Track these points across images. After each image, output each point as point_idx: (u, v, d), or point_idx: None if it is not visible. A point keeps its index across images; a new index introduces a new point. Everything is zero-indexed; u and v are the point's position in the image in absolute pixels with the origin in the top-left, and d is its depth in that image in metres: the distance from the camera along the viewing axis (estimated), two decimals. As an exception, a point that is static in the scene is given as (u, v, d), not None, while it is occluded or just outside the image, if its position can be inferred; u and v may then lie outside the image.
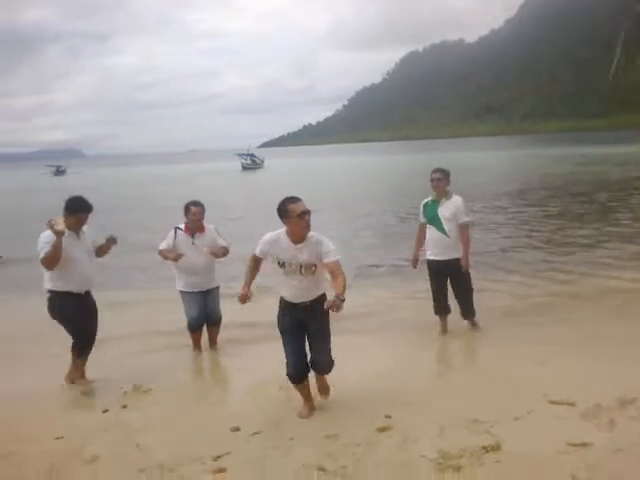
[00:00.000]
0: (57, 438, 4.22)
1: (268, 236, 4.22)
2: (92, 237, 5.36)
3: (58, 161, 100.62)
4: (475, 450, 3.60)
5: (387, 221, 17.20)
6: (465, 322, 6.32)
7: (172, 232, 6.02)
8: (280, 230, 4.18)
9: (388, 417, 4.22)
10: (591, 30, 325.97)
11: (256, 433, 4.13)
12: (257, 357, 5.92)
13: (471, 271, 6.14)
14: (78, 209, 5.12)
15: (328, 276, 4.13)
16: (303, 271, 4.09)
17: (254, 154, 70.52)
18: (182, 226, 6.04)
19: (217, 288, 6.20)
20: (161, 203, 24.29)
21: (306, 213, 4.02)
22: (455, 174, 6.34)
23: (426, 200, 6.12)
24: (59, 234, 4.78)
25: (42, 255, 4.88)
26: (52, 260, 4.86)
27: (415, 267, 6.34)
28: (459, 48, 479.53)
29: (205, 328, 6.21)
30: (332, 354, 4.36)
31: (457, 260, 5.92)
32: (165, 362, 6.05)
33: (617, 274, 8.76)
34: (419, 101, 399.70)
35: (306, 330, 4.28)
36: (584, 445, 3.56)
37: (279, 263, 4.16)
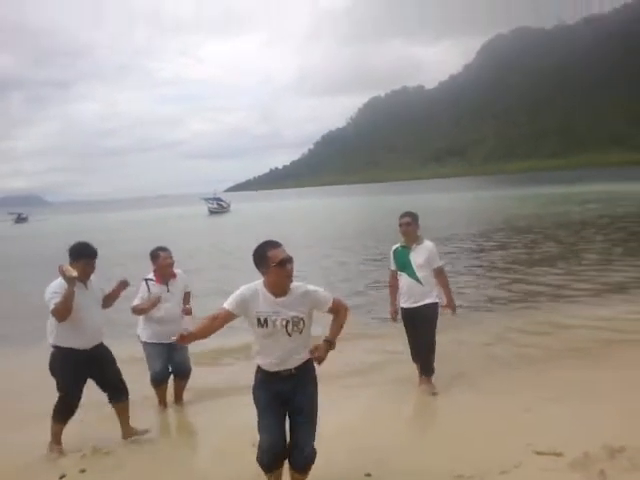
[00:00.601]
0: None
1: (244, 289, 3.41)
2: (100, 286, 4.99)
3: (18, 209, 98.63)
4: (463, 510, 3.38)
5: (357, 265, 17.08)
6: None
7: (143, 285, 5.66)
8: (256, 282, 3.43)
9: (368, 475, 3.97)
10: (545, 72, 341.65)
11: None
12: (226, 412, 5.59)
13: (453, 316, 5.95)
14: (81, 254, 4.70)
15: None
16: (289, 329, 3.36)
17: (220, 198, 70.41)
18: (151, 276, 5.73)
19: None
20: (126, 248, 23.70)
21: (287, 261, 3.33)
22: (421, 216, 6.13)
23: (395, 246, 5.84)
24: (71, 281, 4.40)
25: (52, 306, 4.49)
26: (64, 311, 4.46)
27: (395, 319, 5.92)
28: (419, 93, 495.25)
29: (171, 382, 5.86)
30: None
31: (430, 306, 5.65)
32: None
33: (587, 315, 8.70)
34: (381, 145, 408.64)
35: (287, 406, 3.46)
36: (577, 500, 3.38)
37: (259, 322, 3.36)
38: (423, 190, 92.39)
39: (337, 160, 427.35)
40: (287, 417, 3.50)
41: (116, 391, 4.89)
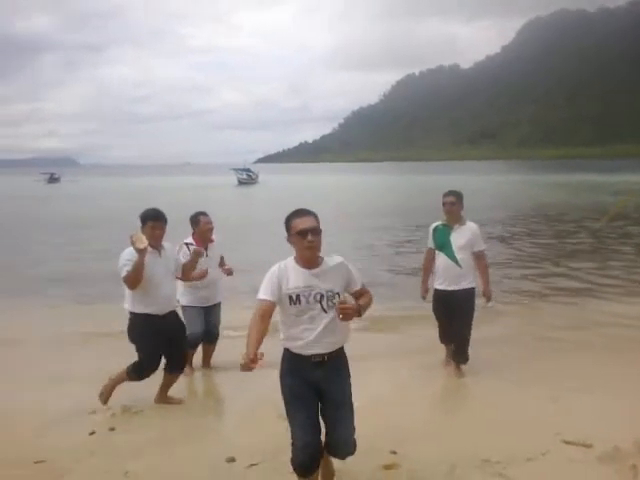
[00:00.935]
0: (37, 462, 3.94)
1: (271, 274, 3.13)
2: (175, 255, 5.07)
3: (51, 169, 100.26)
4: (489, 494, 3.37)
5: (387, 241, 16.99)
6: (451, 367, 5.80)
7: (184, 249, 5.67)
8: (285, 260, 3.20)
9: (394, 453, 3.98)
10: (584, 57, 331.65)
11: (253, 465, 3.88)
12: (253, 381, 5.61)
13: (487, 304, 5.83)
14: (147, 217, 4.76)
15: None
16: (325, 304, 3.07)
17: (250, 169, 70.63)
18: (190, 240, 5.80)
19: (220, 303, 6.05)
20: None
21: (309, 231, 3.05)
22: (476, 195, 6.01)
23: (436, 224, 5.62)
24: (141, 252, 4.47)
25: (123, 274, 4.57)
26: (134, 280, 4.56)
27: (425, 298, 5.83)
28: (455, 73, 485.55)
29: (200, 346, 5.99)
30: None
31: (468, 290, 5.51)
32: (156, 382, 5.78)
33: (619, 312, 8.52)
34: (414, 123, 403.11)
35: (321, 396, 3.17)
36: (606, 493, 3.34)
37: (290, 299, 3.08)
38: (455, 171, 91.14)
39: (368, 136, 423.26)
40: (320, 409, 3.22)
41: (176, 363, 5.02)
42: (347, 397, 3.22)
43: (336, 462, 3.79)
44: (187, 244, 5.71)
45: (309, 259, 3.12)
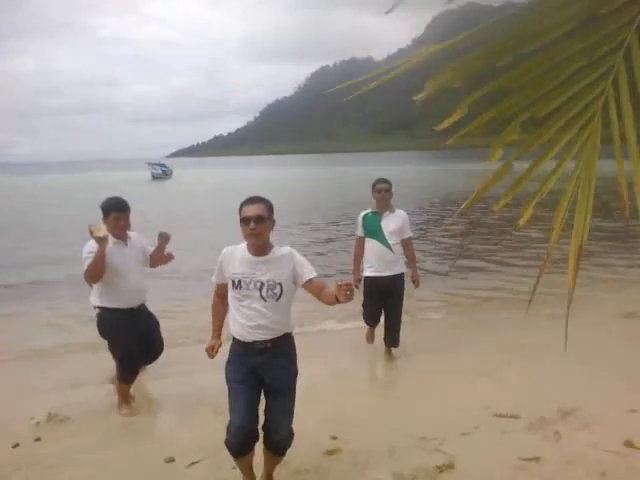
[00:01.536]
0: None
1: (222, 254, 3.27)
2: (143, 245, 4.80)
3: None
4: (429, 470, 3.49)
5: (314, 234, 17.07)
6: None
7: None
8: (241, 243, 3.26)
9: (334, 438, 4.02)
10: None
11: (194, 463, 3.79)
12: (185, 376, 5.52)
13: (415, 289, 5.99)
14: (109, 208, 4.52)
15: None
16: (264, 293, 3.12)
17: (164, 164, 68.76)
18: None
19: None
20: (65, 212, 22.87)
21: (251, 219, 3.07)
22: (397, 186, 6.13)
23: (365, 212, 5.67)
24: (101, 242, 4.27)
25: (84, 267, 4.36)
26: (94, 272, 4.35)
27: (358, 287, 5.68)
28: (368, 65, 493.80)
29: None
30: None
31: (400, 276, 5.67)
32: (81, 382, 5.59)
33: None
34: (330, 115, 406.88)
35: (262, 384, 3.21)
36: (536, 459, 3.54)
37: (233, 283, 3.16)
38: (373, 162, 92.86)
39: (285, 129, 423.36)
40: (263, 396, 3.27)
41: (153, 356, 4.89)
42: (284, 385, 3.21)
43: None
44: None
45: (253, 246, 3.16)
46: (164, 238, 4.85)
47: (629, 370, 5.06)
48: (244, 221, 3.11)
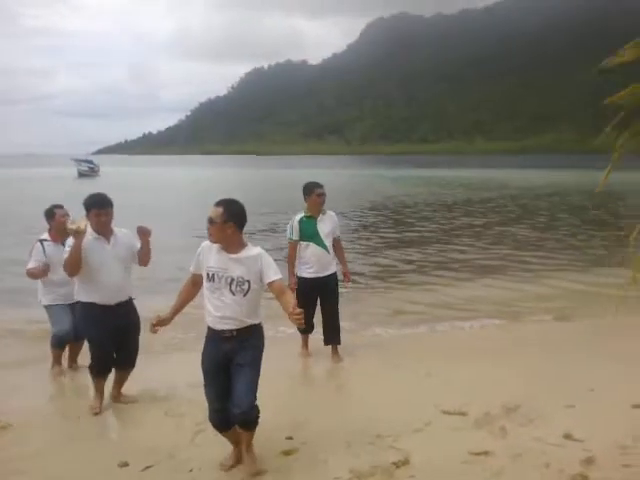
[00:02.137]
0: None
1: (203, 244, 3.61)
2: (131, 242, 4.66)
3: None
4: (386, 466, 3.59)
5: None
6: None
7: (38, 246, 5.45)
8: None
9: (290, 439, 4.07)
10: (421, 59, 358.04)
11: (148, 467, 3.73)
12: (134, 378, 5.38)
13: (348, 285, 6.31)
14: (90, 205, 4.48)
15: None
16: (233, 288, 3.42)
17: (91, 160, 66.36)
18: (45, 236, 5.52)
19: None
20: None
21: (209, 220, 3.45)
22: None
23: (299, 216, 5.82)
24: (75, 235, 4.29)
25: (64, 259, 4.43)
26: (70, 265, 4.40)
27: (294, 290, 5.73)
28: (303, 68, 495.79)
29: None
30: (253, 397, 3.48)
31: (335, 275, 5.90)
32: (20, 387, 5.37)
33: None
34: (264, 117, 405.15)
35: (231, 365, 3.51)
36: (485, 454, 3.72)
37: (208, 276, 3.48)
38: (305, 166, 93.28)
39: (218, 129, 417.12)
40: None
41: (128, 358, 4.75)
42: (249, 363, 3.47)
43: None
44: (41, 240, 5.47)
45: (220, 243, 3.47)
46: (145, 232, 4.68)
47: (568, 367, 5.43)
48: (208, 220, 3.48)
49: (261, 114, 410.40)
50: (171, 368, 5.86)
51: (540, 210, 22.91)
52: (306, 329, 5.92)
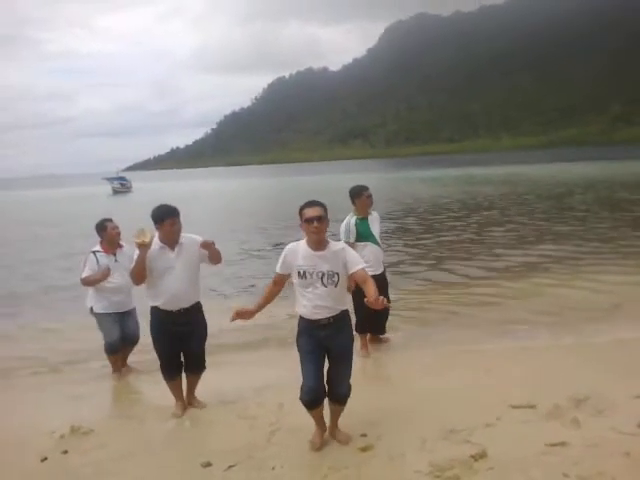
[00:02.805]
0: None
1: (285, 250, 3.94)
2: (196, 247, 4.74)
3: None
4: (464, 460, 3.65)
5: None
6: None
7: (92, 256, 5.83)
8: (300, 241, 3.93)
9: (364, 436, 4.15)
10: (443, 58, 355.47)
11: (231, 466, 3.86)
12: (202, 382, 5.54)
13: None
14: (164, 215, 4.62)
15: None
16: (325, 281, 3.78)
17: (124, 177, 67.76)
18: (98, 247, 5.90)
19: (134, 308, 6.12)
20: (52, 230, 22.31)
21: (315, 219, 3.75)
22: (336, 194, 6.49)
23: (352, 219, 6.01)
24: (141, 247, 4.50)
25: (129, 271, 4.71)
26: (136, 275, 4.62)
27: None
28: (324, 75, 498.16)
29: None
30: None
31: (384, 271, 6.27)
32: (93, 394, 5.63)
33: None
34: (289, 126, 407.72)
35: (327, 352, 3.91)
36: (562, 444, 3.75)
37: (299, 274, 3.83)
38: (332, 171, 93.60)
39: (243, 140, 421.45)
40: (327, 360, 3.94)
41: (195, 363, 4.90)
42: (347, 349, 3.93)
43: (315, 453, 4.00)
44: (94, 252, 5.83)
45: (314, 241, 3.81)
46: (209, 245, 4.74)
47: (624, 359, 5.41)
48: (307, 221, 3.77)
49: (285, 123, 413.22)
50: (235, 373, 6.01)
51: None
52: (368, 327, 6.18)
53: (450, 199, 28.20)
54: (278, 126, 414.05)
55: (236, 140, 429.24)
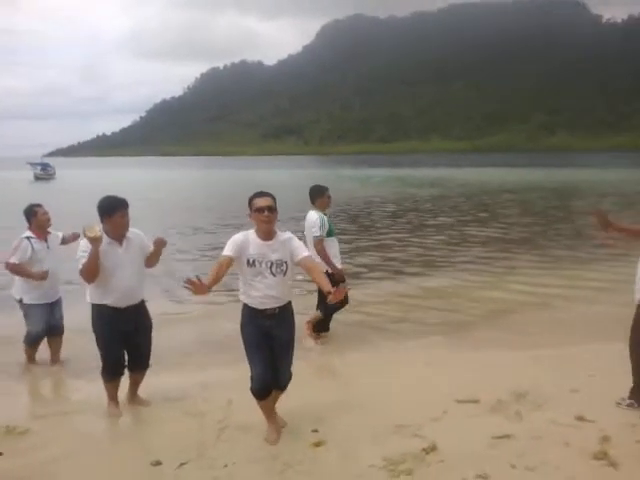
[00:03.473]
0: None
1: (236, 237, 3.91)
2: (143, 244, 4.58)
3: None
4: (416, 453, 3.74)
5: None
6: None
7: (25, 242, 5.56)
8: (248, 231, 3.95)
9: (316, 431, 4.17)
10: (375, 60, 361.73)
11: (183, 464, 3.78)
12: (147, 378, 5.37)
13: None
14: (114, 207, 4.40)
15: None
16: (274, 270, 3.86)
17: (48, 163, 64.56)
18: (29, 233, 5.65)
19: (61, 298, 5.97)
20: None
21: (265, 208, 3.82)
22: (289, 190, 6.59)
23: (321, 214, 6.25)
24: (93, 242, 4.22)
25: (79, 266, 4.34)
26: (88, 272, 4.34)
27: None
28: (259, 69, 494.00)
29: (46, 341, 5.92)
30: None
31: None
32: (24, 392, 5.37)
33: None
34: (221, 117, 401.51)
35: (272, 340, 3.97)
36: (507, 437, 3.92)
37: (248, 262, 3.86)
38: (267, 166, 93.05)
39: (174, 130, 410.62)
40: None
41: (141, 360, 4.72)
42: (289, 338, 4.03)
43: (265, 446, 4.00)
44: (28, 237, 5.60)
45: (264, 231, 3.87)
46: (162, 244, 4.65)
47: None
48: (259, 210, 3.83)
49: (217, 114, 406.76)
50: (179, 369, 5.87)
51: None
52: (325, 327, 6.57)
53: (382, 198, 28.74)
54: (209, 117, 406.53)
55: (167, 129, 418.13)
